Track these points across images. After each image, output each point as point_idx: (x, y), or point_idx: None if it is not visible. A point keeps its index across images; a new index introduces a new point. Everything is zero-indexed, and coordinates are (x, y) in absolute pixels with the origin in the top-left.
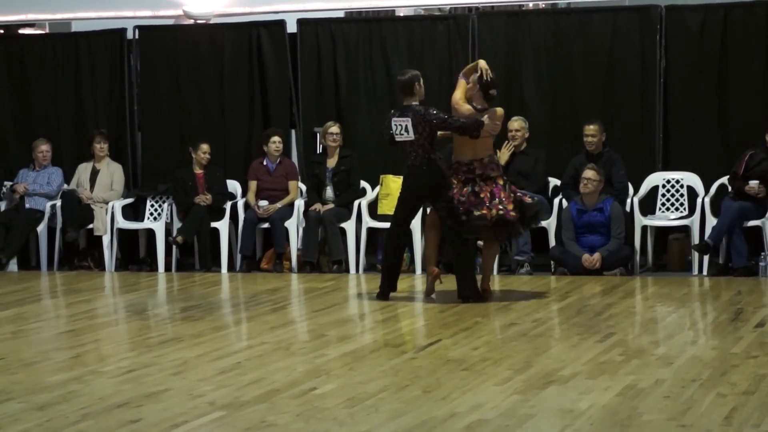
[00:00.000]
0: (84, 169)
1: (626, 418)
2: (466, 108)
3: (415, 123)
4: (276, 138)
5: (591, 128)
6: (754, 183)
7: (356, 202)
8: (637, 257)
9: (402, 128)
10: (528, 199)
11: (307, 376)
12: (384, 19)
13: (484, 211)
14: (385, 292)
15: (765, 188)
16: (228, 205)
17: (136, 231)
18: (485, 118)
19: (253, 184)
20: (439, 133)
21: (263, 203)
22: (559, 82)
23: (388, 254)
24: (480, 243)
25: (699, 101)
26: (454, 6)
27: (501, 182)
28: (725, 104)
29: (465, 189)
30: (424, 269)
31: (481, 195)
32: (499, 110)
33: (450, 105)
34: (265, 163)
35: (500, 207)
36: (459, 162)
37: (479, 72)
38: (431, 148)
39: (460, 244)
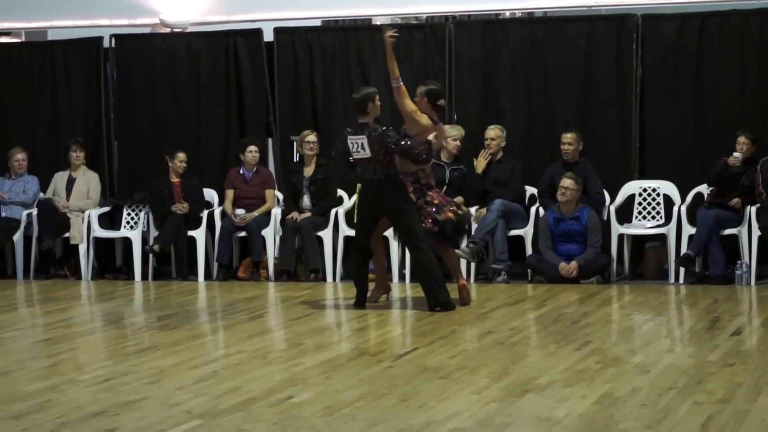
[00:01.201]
0: (60, 178)
1: (603, 427)
2: (425, 120)
3: (371, 142)
4: (253, 147)
5: (568, 136)
6: (737, 154)
7: (333, 211)
8: (614, 266)
9: (358, 146)
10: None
11: (283, 385)
12: (361, 27)
13: (449, 215)
14: (361, 300)
15: (738, 198)
16: (205, 214)
17: (112, 240)
18: (432, 137)
19: (230, 193)
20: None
21: (240, 212)
22: (535, 90)
23: (355, 268)
24: (459, 252)
25: (675, 110)
26: (430, 15)
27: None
28: (701, 113)
29: (418, 200)
30: (401, 278)
31: (436, 201)
32: (446, 127)
33: (403, 117)
34: (241, 171)
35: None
36: (405, 173)
37: (426, 85)
38: (390, 165)
39: (425, 256)
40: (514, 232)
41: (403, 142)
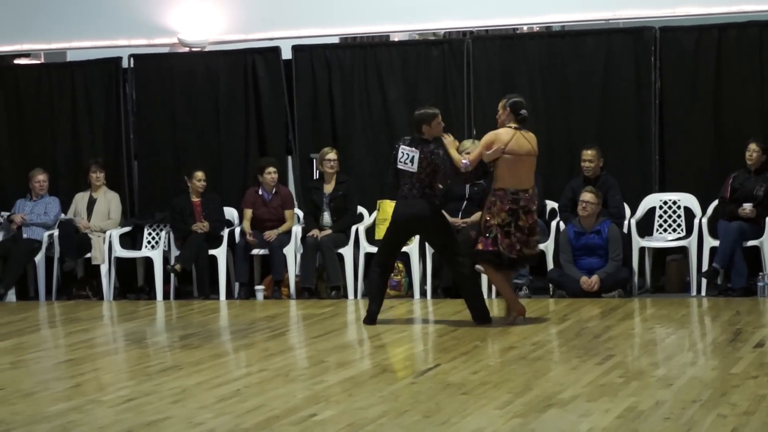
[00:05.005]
0: (81, 199)
1: None
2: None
3: (421, 159)
4: (271, 168)
5: (589, 153)
6: (747, 205)
7: (353, 228)
8: (635, 279)
9: (408, 158)
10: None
11: (306, 403)
12: (379, 44)
13: (532, 252)
14: (373, 317)
15: (754, 207)
16: (225, 233)
17: (133, 259)
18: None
19: (248, 212)
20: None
21: (252, 239)
22: (554, 104)
23: (373, 283)
24: (479, 268)
25: (694, 122)
26: (448, 30)
27: (535, 217)
28: (721, 124)
29: (509, 221)
30: (422, 294)
31: (526, 230)
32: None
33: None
34: (260, 192)
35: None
36: (504, 190)
37: (509, 98)
38: (430, 185)
39: (467, 271)
40: None
41: (446, 160)
